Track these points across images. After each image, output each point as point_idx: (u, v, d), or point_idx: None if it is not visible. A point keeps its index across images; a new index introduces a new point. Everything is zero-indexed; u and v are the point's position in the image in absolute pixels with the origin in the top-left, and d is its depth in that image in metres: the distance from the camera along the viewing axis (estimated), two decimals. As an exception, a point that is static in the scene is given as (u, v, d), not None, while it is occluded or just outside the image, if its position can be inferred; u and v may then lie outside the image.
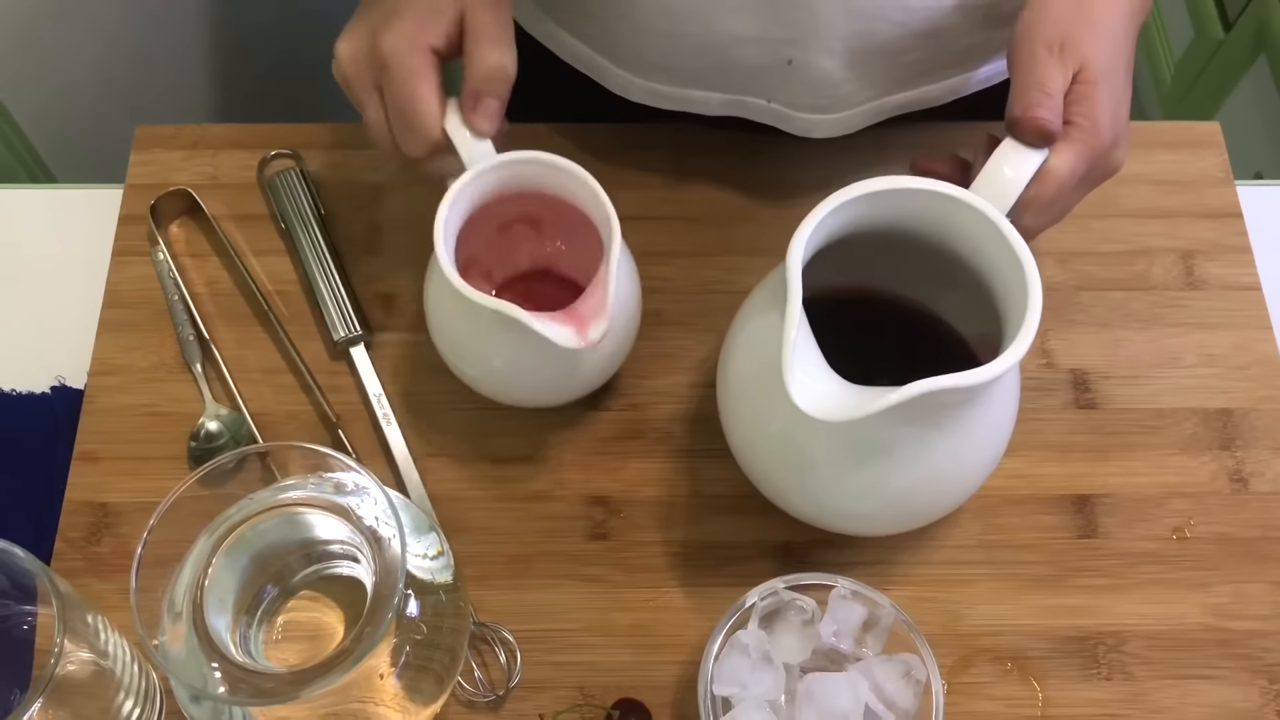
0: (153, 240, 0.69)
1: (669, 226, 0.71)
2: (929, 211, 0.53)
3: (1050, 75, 0.55)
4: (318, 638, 0.51)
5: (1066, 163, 0.54)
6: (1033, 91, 0.54)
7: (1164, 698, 0.59)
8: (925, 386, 0.47)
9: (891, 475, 0.53)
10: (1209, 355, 0.67)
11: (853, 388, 0.49)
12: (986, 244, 0.52)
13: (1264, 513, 0.63)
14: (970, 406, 0.52)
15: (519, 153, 0.57)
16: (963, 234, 0.53)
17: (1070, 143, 0.54)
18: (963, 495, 0.57)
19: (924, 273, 0.59)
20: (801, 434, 0.54)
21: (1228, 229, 0.71)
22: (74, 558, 0.62)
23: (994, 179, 0.53)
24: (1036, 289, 0.50)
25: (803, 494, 0.56)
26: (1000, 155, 0.54)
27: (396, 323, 0.68)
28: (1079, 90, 0.55)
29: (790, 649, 0.56)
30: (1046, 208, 0.55)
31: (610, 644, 0.60)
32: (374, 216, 0.71)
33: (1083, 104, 0.55)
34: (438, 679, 0.52)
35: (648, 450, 0.65)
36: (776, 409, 0.54)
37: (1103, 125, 0.55)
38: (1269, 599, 0.61)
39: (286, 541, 0.50)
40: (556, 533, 0.63)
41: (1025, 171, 0.53)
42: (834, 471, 0.54)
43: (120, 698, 0.54)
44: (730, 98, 0.69)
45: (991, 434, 0.55)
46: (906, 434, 0.52)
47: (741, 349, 0.57)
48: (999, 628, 0.61)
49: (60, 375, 0.67)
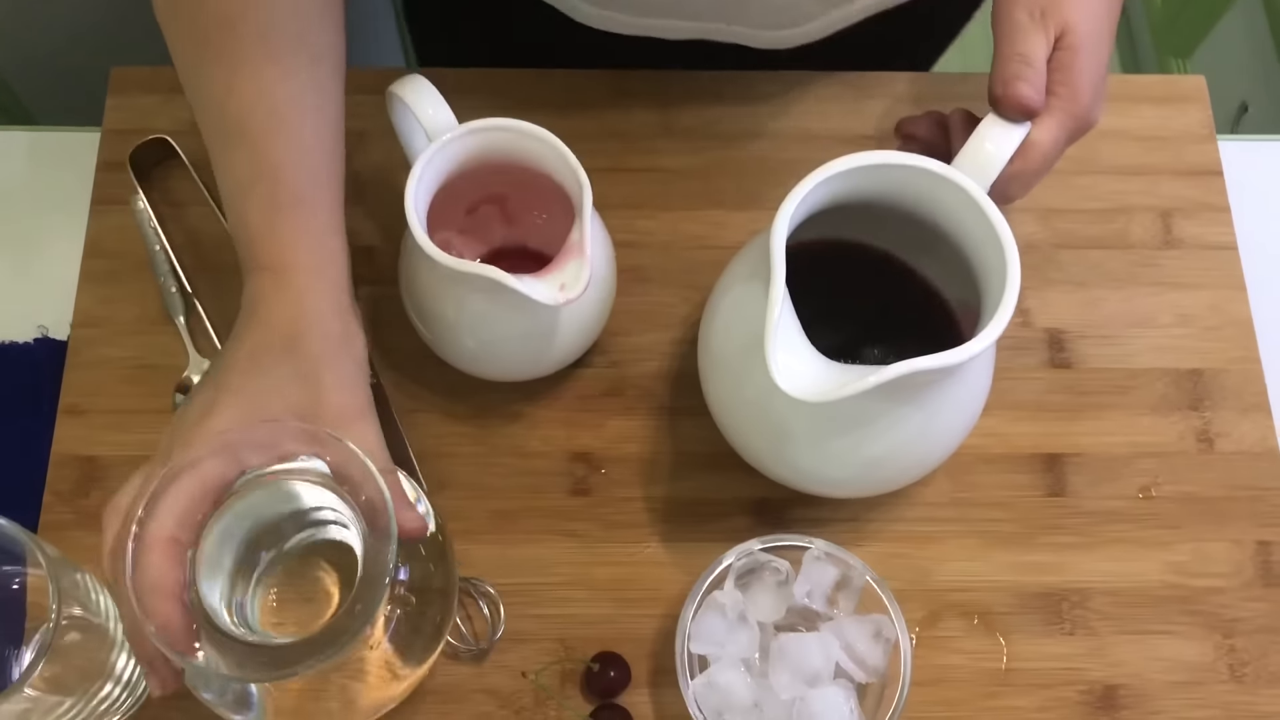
0: (132, 189, 0.69)
1: (651, 179, 0.71)
2: (912, 185, 0.54)
3: (1032, 44, 0.55)
4: (313, 601, 0.52)
5: (1049, 134, 0.55)
6: (1013, 63, 0.54)
7: (1123, 652, 0.61)
8: (905, 368, 0.48)
9: (867, 444, 0.55)
10: (1183, 315, 0.68)
11: (834, 366, 0.50)
12: (968, 220, 0.53)
13: (1228, 473, 0.65)
14: (946, 380, 0.53)
15: (483, 120, 0.57)
16: (945, 208, 0.54)
17: (1052, 113, 0.55)
18: (936, 461, 0.58)
19: (906, 239, 0.59)
20: (779, 405, 0.55)
21: (1208, 187, 0.71)
22: (63, 510, 0.62)
23: (976, 154, 0.53)
24: (1015, 268, 0.51)
25: (779, 460, 0.57)
26: (983, 130, 0.54)
27: (375, 275, 0.68)
28: (1060, 57, 0.55)
29: (765, 608, 0.58)
30: (1032, 179, 0.55)
31: (590, 598, 0.62)
32: (352, 166, 0.70)
33: (1064, 71, 0.55)
34: (428, 641, 0.53)
35: (628, 407, 0.66)
36: (755, 379, 0.55)
37: (1083, 91, 0.55)
38: (1227, 557, 0.63)
39: (278, 512, 0.51)
40: (538, 489, 0.64)
41: (1008, 147, 0.54)
42: (810, 441, 0.55)
43: (114, 654, 0.55)
44: (691, 24, 0.69)
45: (966, 404, 0.56)
46: (883, 407, 0.53)
47: (723, 318, 0.57)
48: (968, 584, 0.63)
49: (42, 325, 0.67)
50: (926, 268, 0.61)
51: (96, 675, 0.54)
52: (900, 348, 0.56)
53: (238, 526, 0.49)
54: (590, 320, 0.61)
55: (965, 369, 0.54)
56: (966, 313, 0.59)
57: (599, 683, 0.59)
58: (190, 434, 0.49)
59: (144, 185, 0.69)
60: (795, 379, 0.48)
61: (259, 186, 0.53)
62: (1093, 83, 0.56)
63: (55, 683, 0.52)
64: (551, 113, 0.63)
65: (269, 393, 0.50)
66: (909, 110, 0.72)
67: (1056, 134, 0.55)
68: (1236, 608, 0.62)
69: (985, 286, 0.54)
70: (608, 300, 0.62)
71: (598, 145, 0.60)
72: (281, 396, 0.50)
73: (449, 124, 0.57)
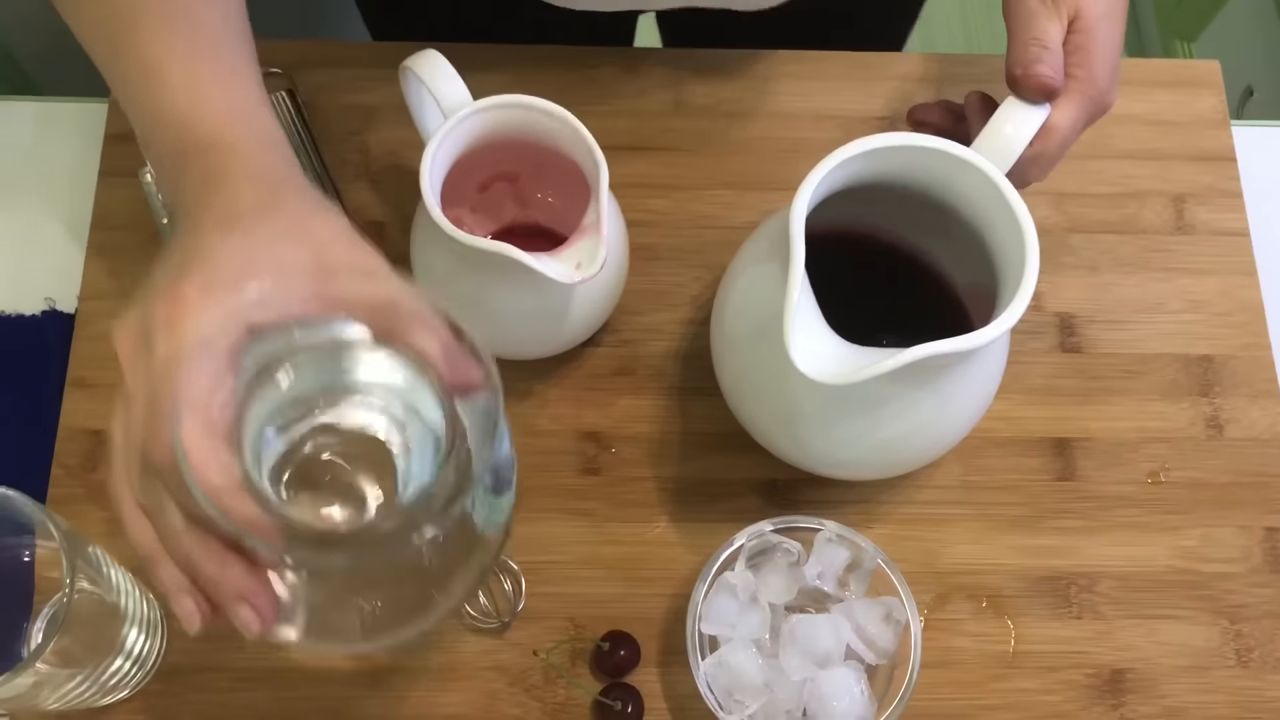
0: (141, 161, 0.68)
1: (664, 159, 0.70)
2: (929, 168, 0.53)
3: (1047, 28, 0.55)
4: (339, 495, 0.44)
5: (1068, 116, 0.55)
6: (1031, 47, 0.54)
7: (1130, 636, 0.62)
8: (925, 351, 0.48)
9: (880, 428, 0.55)
10: (1194, 301, 0.68)
11: (852, 349, 0.49)
12: (986, 203, 0.53)
13: (1236, 459, 0.65)
14: (961, 364, 0.53)
15: (499, 96, 0.56)
16: (962, 191, 0.54)
17: (1069, 96, 0.55)
18: (947, 446, 0.58)
19: (917, 220, 0.59)
20: (793, 387, 0.55)
21: (1221, 173, 0.71)
22: (71, 484, 0.62)
23: (995, 137, 0.53)
24: (1034, 254, 0.51)
25: (792, 442, 0.57)
26: (1003, 113, 0.53)
27: (385, 252, 0.67)
28: (1075, 40, 0.55)
29: (776, 590, 0.58)
30: (1051, 162, 0.55)
31: (600, 577, 0.62)
32: (363, 141, 0.70)
33: (1079, 54, 0.55)
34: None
35: (639, 386, 0.65)
36: (769, 361, 0.55)
37: (1100, 74, 0.55)
38: (1235, 543, 0.64)
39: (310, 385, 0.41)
40: (549, 467, 0.64)
41: (1027, 129, 0.53)
42: (823, 423, 0.55)
43: (125, 628, 0.55)
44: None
45: (979, 389, 0.56)
46: (897, 390, 0.53)
47: (737, 299, 0.57)
48: (976, 567, 0.63)
49: (50, 298, 0.67)
50: (936, 250, 0.61)
51: (107, 650, 0.54)
52: (912, 333, 0.56)
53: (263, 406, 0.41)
54: (602, 299, 0.61)
55: (981, 354, 0.54)
56: (978, 296, 0.58)
57: (609, 661, 0.59)
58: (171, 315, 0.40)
59: (152, 158, 0.68)
60: (814, 361, 0.48)
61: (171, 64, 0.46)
62: (1108, 64, 0.56)
63: (66, 656, 0.51)
64: (562, 90, 0.63)
65: (255, 254, 0.41)
66: (920, 90, 0.72)
67: (1075, 116, 0.55)
68: (1244, 593, 0.63)
69: (1002, 270, 0.53)
70: (620, 279, 0.62)
71: (609, 124, 0.59)
72: (272, 256, 0.41)
73: (464, 100, 0.56)
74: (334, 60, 0.72)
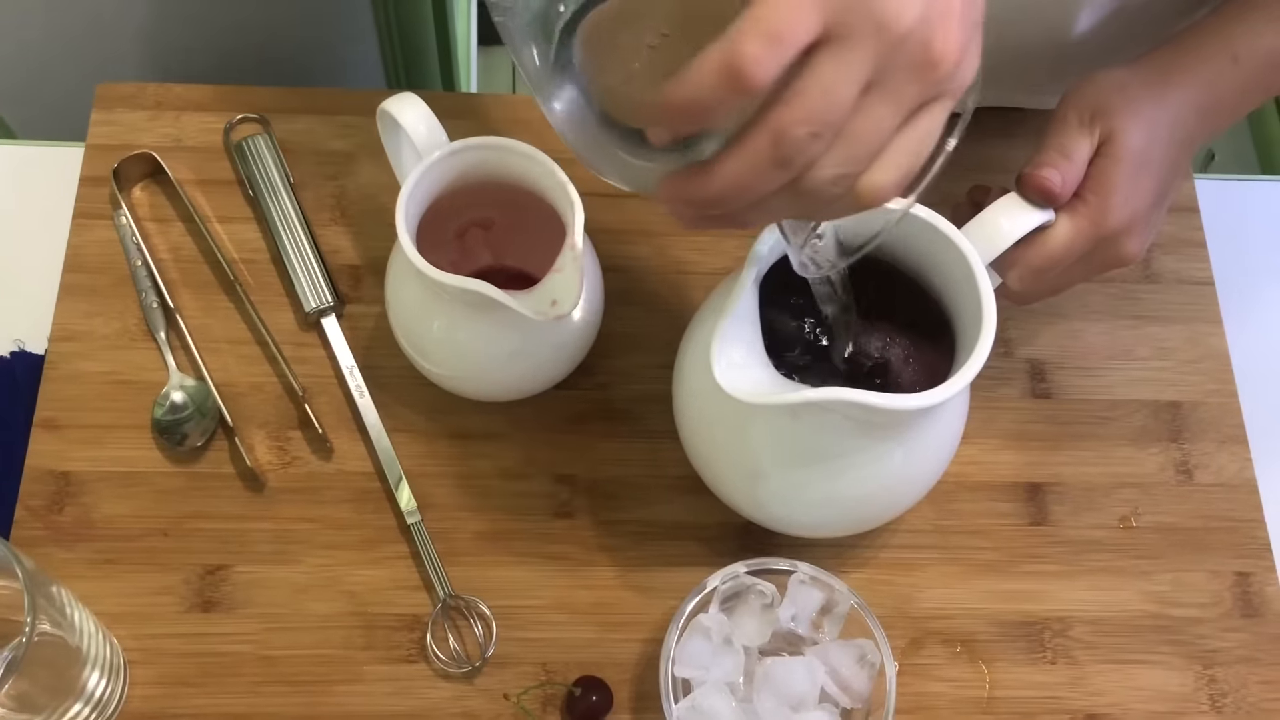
0: (115, 204, 0.68)
1: (642, 205, 0.71)
2: (913, 236, 0.53)
3: (1074, 141, 0.54)
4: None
5: (1063, 236, 0.53)
6: (1050, 152, 0.53)
7: (1104, 681, 0.61)
8: (833, 395, 0.48)
9: (841, 486, 0.55)
10: (1161, 349, 0.69)
11: (778, 378, 0.50)
12: (959, 282, 0.53)
13: (1206, 504, 0.66)
14: (919, 421, 0.53)
15: (474, 138, 0.57)
16: (939, 265, 0.54)
17: (1072, 216, 0.54)
18: (911, 501, 0.58)
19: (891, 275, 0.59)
20: (750, 440, 0.55)
21: (1184, 223, 0.73)
22: (35, 526, 0.61)
23: (986, 225, 0.53)
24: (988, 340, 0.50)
25: (755, 505, 0.58)
26: (1001, 204, 0.53)
27: (361, 295, 0.68)
28: (1099, 164, 0.54)
29: (750, 632, 0.57)
30: (1035, 275, 0.54)
31: (573, 621, 0.61)
32: (340, 186, 0.71)
33: (1097, 178, 0.53)
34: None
35: (613, 430, 0.65)
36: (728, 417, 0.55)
37: (1112, 206, 0.53)
38: (1206, 587, 0.64)
39: None
40: (522, 510, 0.63)
41: (1019, 227, 0.53)
42: (783, 483, 0.55)
43: (86, 671, 0.54)
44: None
45: (939, 445, 0.56)
46: (857, 444, 0.53)
47: (694, 353, 0.57)
48: (950, 611, 0.63)
49: (19, 339, 0.66)
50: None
51: (66, 693, 0.53)
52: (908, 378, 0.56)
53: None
54: (577, 341, 0.61)
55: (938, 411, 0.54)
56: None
57: (581, 707, 0.58)
58: None
59: (127, 201, 0.68)
60: (733, 375, 0.48)
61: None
62: (1126, 203, 0.53)
63: (24, 700, 0.50)
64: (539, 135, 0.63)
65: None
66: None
67: (1071, 238, 0.53)
68: (1216, 638, 0.63)
69: (959, 342, 0.53)
70: (594, 322, 0.62)
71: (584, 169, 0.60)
72: None
73: (440, 142, 0.57)
74: (311, 106, 0.72)
